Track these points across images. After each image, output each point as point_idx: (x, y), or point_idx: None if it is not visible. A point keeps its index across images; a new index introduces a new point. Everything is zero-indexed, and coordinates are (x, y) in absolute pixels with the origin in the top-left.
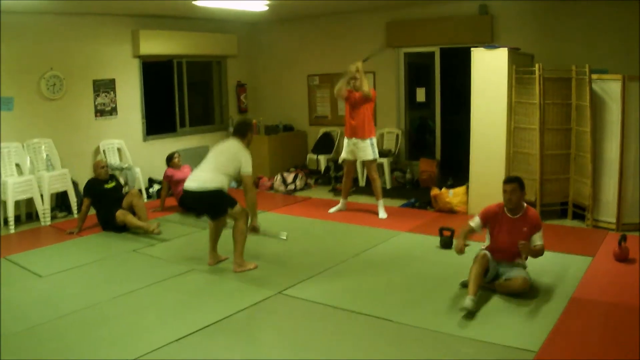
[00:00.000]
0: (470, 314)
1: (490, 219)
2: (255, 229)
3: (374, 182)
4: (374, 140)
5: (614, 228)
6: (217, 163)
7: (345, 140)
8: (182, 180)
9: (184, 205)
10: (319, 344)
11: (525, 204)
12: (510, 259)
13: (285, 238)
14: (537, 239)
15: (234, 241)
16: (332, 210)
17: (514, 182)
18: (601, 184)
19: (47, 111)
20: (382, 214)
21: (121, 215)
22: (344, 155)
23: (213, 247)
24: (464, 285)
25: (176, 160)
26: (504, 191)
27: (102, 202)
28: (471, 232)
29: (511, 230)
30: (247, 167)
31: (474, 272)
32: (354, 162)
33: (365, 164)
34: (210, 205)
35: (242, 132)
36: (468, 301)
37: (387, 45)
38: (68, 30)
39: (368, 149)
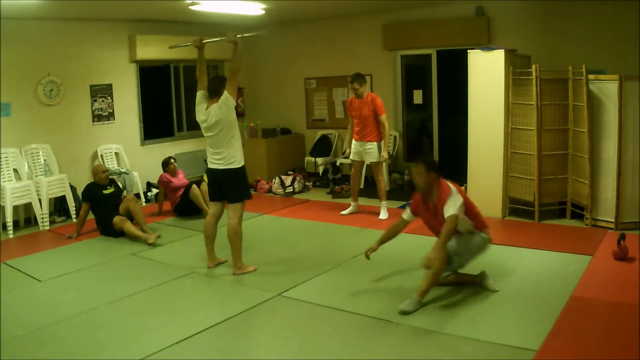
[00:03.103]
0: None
1: (418, 207)
2: (234, 39)
3: (378, 183)
4: (382, 143)
5: (613, 227)
6: (221, 137)
7: (353, 142)
8: (179, 188)
9: (180, 210)
10: (319, 346)
11: (440, 185)
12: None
13: (265, 33)
14: (446, 212)
15: (231, 243)
16: (344, 212)
17: (418, 165)
18: (599, 183)
19: (44, 117)
20: (384, 215)
21: (119, 222)
22: (351, 156)
23: (211, 249)
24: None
25: (172, 166)
26: (413, 175)
27: (101, 208)
28: (402, 224)
29: (435, 217)
30: (230, 100)
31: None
32: (361, 163)
33: (371, 165)
34: (235, 184)
35: (217, 92)
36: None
37: (384, 48)
38: (65, 36)
39: (374, 151)
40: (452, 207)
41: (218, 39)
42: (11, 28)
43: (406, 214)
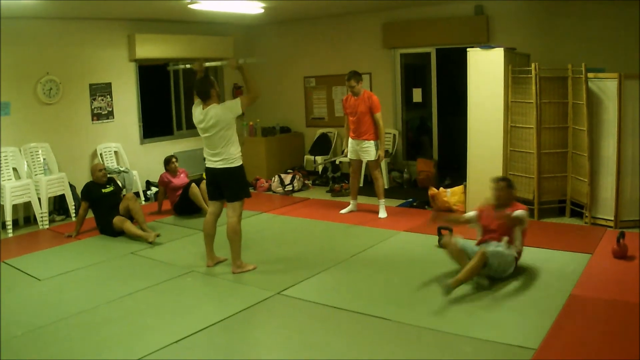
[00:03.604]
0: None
1: (482, 214)
2: (238, 64)
3: (376, 181)
4: (378, 142)
5: (612, 225)
6: (218, 138)
7: (350, 141)
8: (179, 188)
9: (180, 209)
10: (318, 344)
11: (513, 203)
12: (497, 239)
13: (265, 60)
14: (515, 213)
15: (230, 242)
16: (343, 211)
17: (502, 181)
18: (599, 181)
19: (43, 116)
20: (382, 214)
21: (119, 222)
22: (349, 155)
23: (210, 248)
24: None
25: (173, 165)
26: (493, 189)
27: (100, 207)
28: (465, 222)
29: (498, 225)
30: (238, 109)
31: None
32: (359, 161)
33: (368, 164)
34: (234, 183)
35: (207, 94)
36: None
37: (384, 46)
38: (64, 35)
39: (371, 150)
40: (522, 215)
41: (219, 63)
42: (11, 27)
43: (471, 215)
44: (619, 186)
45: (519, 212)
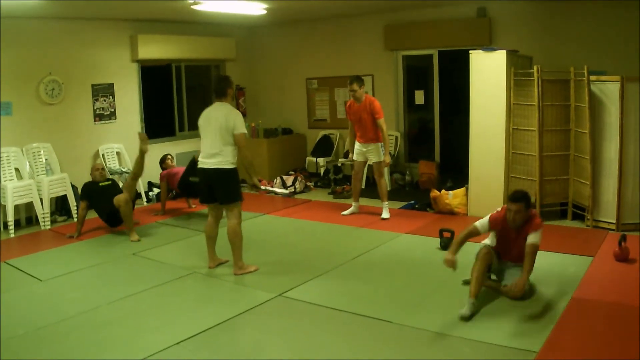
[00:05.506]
0: (467, 319)
1: (498, 226)
2: (255, 187)
3: (379, 183)
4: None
5: (614, 228)
6: (219, 137)
7: (357, 144)
8: (180, 172)
9: (186, 189)
10: (320, 346)
11: (531, 214)
12: (516, 260)
13: (287, 192)
14: (531, 238)
15: (231, 244)
16: (345, 213)
17: (519, 202)
18: (600, 184)
19: (46, 116)
20: (385, 214)
21: (122, 198)
22: (354, 156)
23: (212, 250)
24: (466, 282)
25: (169, 161)
26: (508, 209)
27: (100, 200)
28: (473, 234)
29: (517, 239)
30: (239, 128)
31: (476, 270)
32: (363, 163)
33: (373, 165)
34: (227, 185)
35: (222, 91)
36: (465, 310)
37: (386, 48)
38: (66, 35)
39: (376, 152)
40: (538, 237)
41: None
42: (13, 27)
43: (483, 228)
44: (620, 189)
45: (536, 238)
